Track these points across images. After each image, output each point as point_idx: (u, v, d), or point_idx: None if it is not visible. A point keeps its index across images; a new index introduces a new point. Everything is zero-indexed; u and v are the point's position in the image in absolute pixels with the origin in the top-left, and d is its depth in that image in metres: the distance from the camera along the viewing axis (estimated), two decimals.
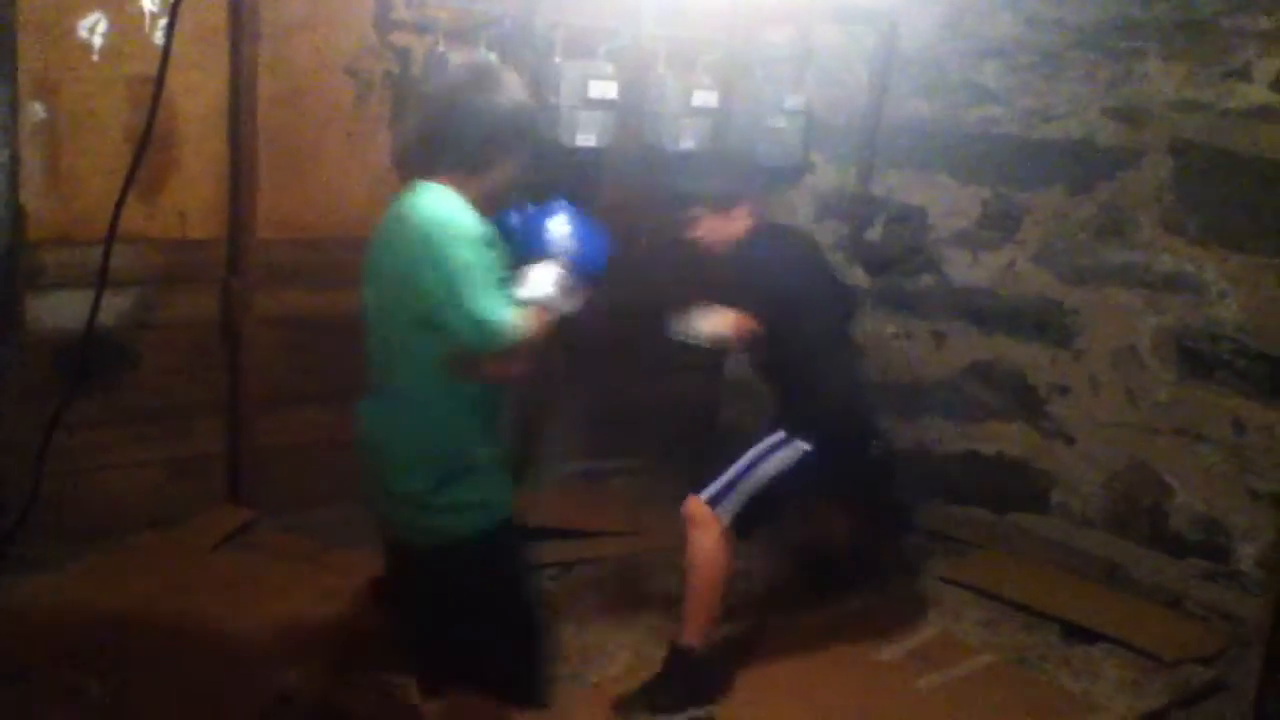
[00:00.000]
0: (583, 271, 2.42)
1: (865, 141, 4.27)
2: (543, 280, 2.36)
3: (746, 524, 2.97)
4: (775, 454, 2.97)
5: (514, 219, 2.55)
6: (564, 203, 2.51)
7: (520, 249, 2.47)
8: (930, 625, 3.46)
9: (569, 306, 2.37)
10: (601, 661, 3.12)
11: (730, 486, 2.94)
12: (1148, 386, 3.68)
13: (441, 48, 3.52)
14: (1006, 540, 4.02)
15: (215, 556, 3.35)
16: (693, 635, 2.92)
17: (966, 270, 4.10)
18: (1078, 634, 3.46)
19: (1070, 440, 3.89)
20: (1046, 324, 3.91)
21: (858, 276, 4.34)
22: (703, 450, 4.03)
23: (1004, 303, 4.01)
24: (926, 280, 4.20)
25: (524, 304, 2.31)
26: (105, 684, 2.66)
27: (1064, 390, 3.89)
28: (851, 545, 3.65)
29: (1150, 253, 3.64)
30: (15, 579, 3.06)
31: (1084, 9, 3.73)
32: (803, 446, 2.97)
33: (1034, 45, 3.87)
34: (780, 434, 3.00)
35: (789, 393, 3.18)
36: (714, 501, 2.93)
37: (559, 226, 2.43)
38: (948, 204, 4.12)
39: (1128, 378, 3.72)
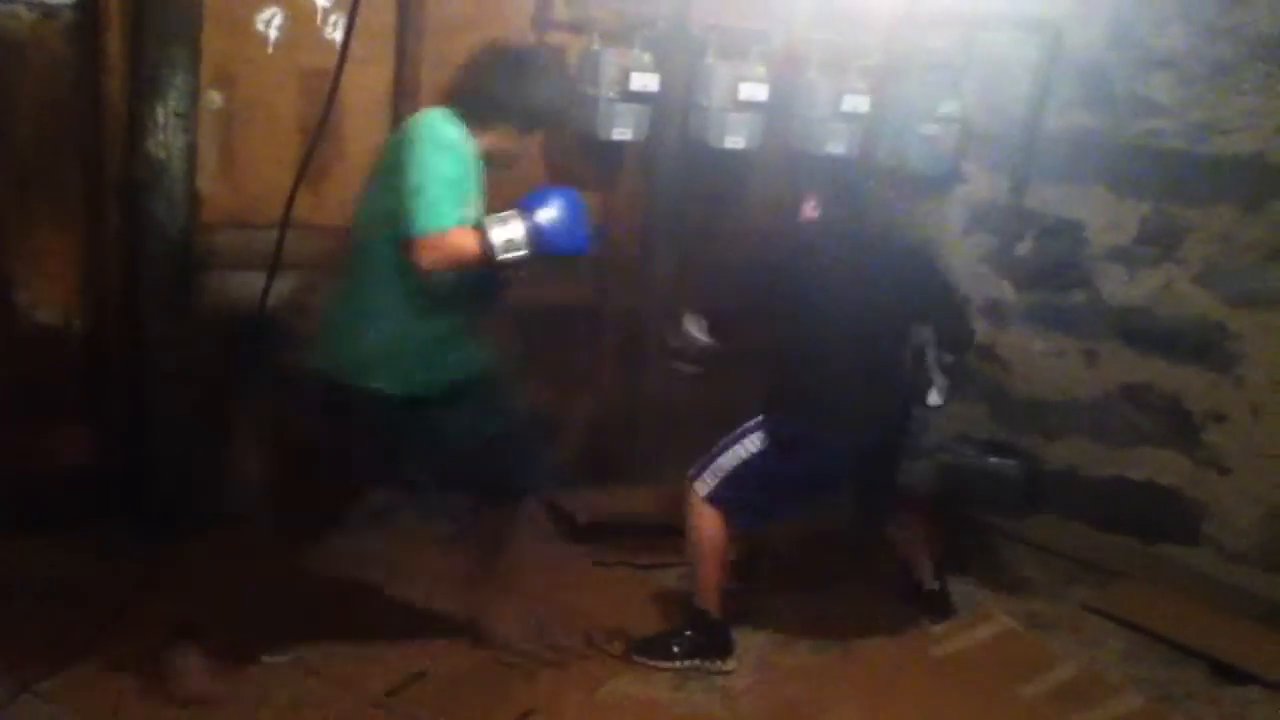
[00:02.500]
0: (544, 241, 2.46)
1: (1022, 152, 4.16)
2: (501, 222, 2.45)
3: (732, 506, 3.04)
4: (746, 437, 3.06)
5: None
6: (572, 190, 2.58)
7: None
8: (1072, 658, 3.31)
9: (506, 255, 2.43)
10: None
11: (706, 465, 3.08)
12: None
13: (597, 47, 3.57)
14: (1152, 570, 3.86)
15: (363, 537, 3.46)
16: (702, 599, 3.09)
17: (1122, 288, 3.95)
18: (1226, 673, 3.30)
19: (1226, 470, 3.72)
20: (1206, 347, 3.74)
21: (1005, 290, 4.23)
22: None
23: (1161, 323, 3.85)
24: (1079, 297, 4.07)
25: (470, 223, 2.44)
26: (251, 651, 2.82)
27: (1221, 418, 3.72)
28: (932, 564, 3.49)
29: None
30: (187, 544, 3.21)
31: (1262, 19, 3.56)
32: (764, 434, 3.03)
33: (1207, 56, 3.71)
34: (757, 418, 3.08)
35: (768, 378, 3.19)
36: (694, 476, 3.08)
37: (552, 201, 2.50)
38: (1105, 219, 3.99)
39: None
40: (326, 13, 3.30)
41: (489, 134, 2.61)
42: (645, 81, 3.55)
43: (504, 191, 2.62)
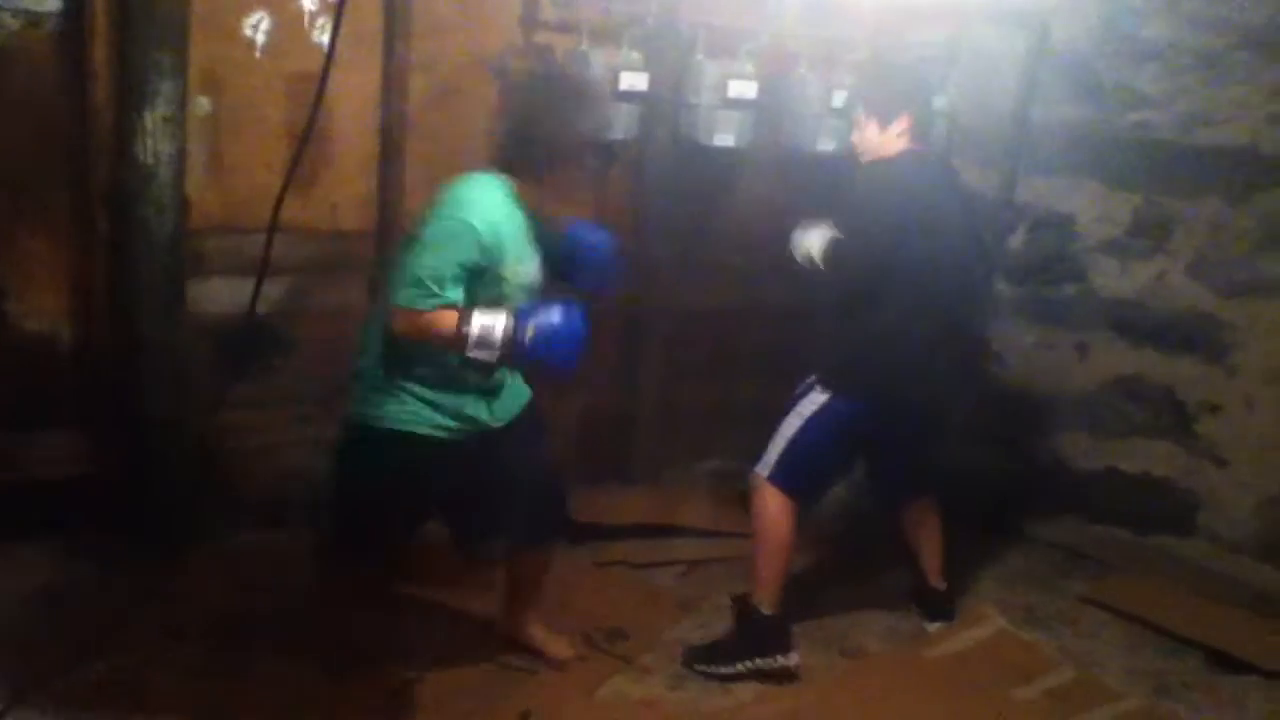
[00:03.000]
0: (523, 351, 2.42)
1: (1011, 145, 4.16)
2: (489, 317, 2.41)
3: (792, 478, 3.02)
4: (800, 400, 3.05)
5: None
6: (576, 309, 2.48)
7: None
8: (1068, 657, 3.30)
9: (475, 353, 2.41)
10: None
11: (767, 447, 3.07)
12: None
13: (584, 46, 3.57)
14: (1147, 562, 3.87)
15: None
16: (757, 594, 3.05)
17: (1114, 280, 3.96)
18: (1223, 663, 3.31)
19: (1221, 461, 3.72)
20: (1198, 338, 3.75)
21: (998, 284, 4.23)
22: None
23: (1153, 315, 3.86)
24: (1071, 290, 4.07)
25: (454, 307, 2.41)
26: (250, 656, 2.81)
27: (1215, 409, 3.73)
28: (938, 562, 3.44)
29: None
30: (181, 552, 3.23)
31: (1249, 8, 3.57)
32: (821, 397, 3.01)
33: (1194, 47, 3.71)
34: (809, 380, 3.07)
35: (828, 338, 3.15)
36: (761, 464, 3.07)
37: (549, 315, 2.44)
38: (1096, 211, 3.99)
39: None
40: (314, 16, 3.29)
41: (551, 178, 2.56)
42: (634, 80, 3.54)
43: None
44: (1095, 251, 4.00)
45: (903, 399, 3.05)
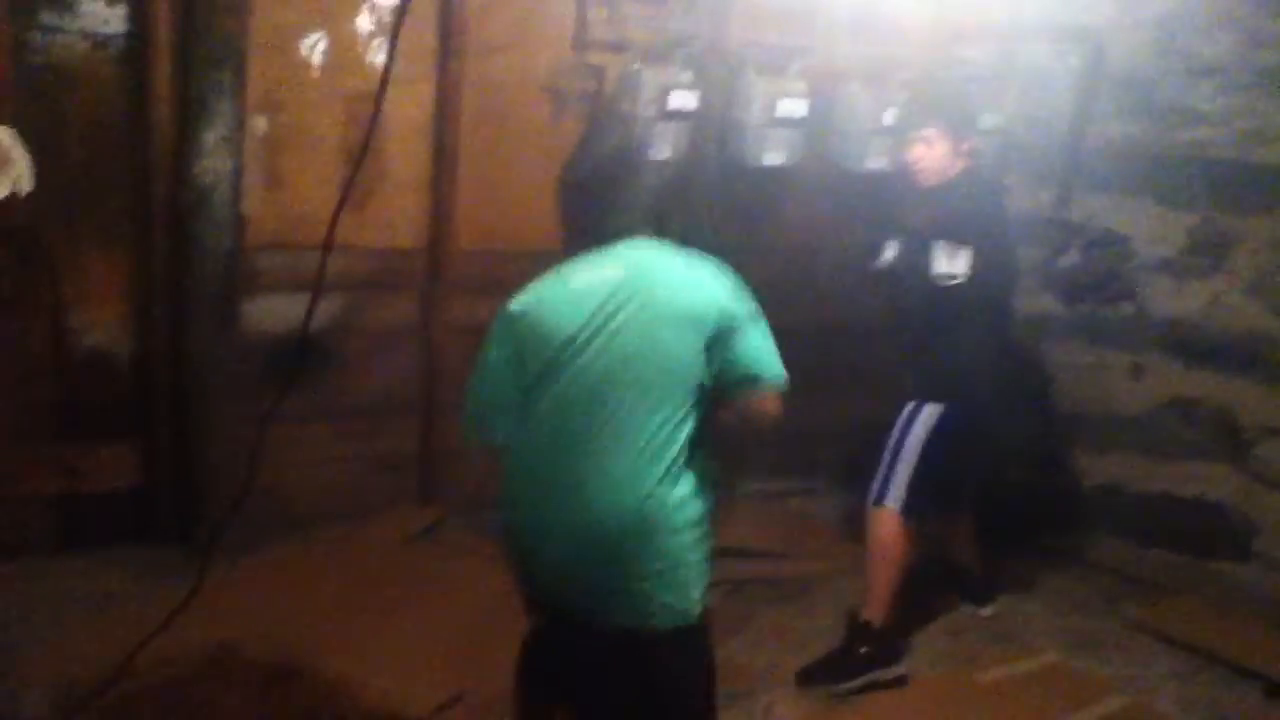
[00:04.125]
0: None
1: (1065, 163, 4.11)
2: None
3: (917, 502, 3.09)
4: (912, 424, 3.10)
5: None
6: None
7: None
8: (1120, 685, 3.23)
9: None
10: (768, 680, 3.10)
11: (888, 478, 3.11)
12: None
13: (637, 66, 3.58)
14: (1200, 587, 3.80)
15: (405, 552, 3.49)
16: (871, 611, 3.10)
17: (1170, 300, 3.89)
18: None
19: (1278, 486, 3.64)
20: (1258, 360, 3.68)
21: (1050, 304, 4.18)
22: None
23: (1211, 335, 3.79)
24: (1125, 309, 4.02)
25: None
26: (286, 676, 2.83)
27: (1275, 432, 3.65)
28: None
29: None
30: (228, 564, 3.26)
31: None
32: (935, 409, 3.09)
33: (1254, 64, 3.65)
34: (910, 405, 3.13)
35: (929, 355, 3.20)
36: (880, 499, 3.11)
37: None
38: (1151, 230, 3.93)
39: None
40: (370, 36, 3.34)
41: None
42: (684, 99, 3.56)
43: None
44: (1151, 271, 3.94)
45: (989, 405, 3.22)
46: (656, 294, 2.01)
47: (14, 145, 2.38)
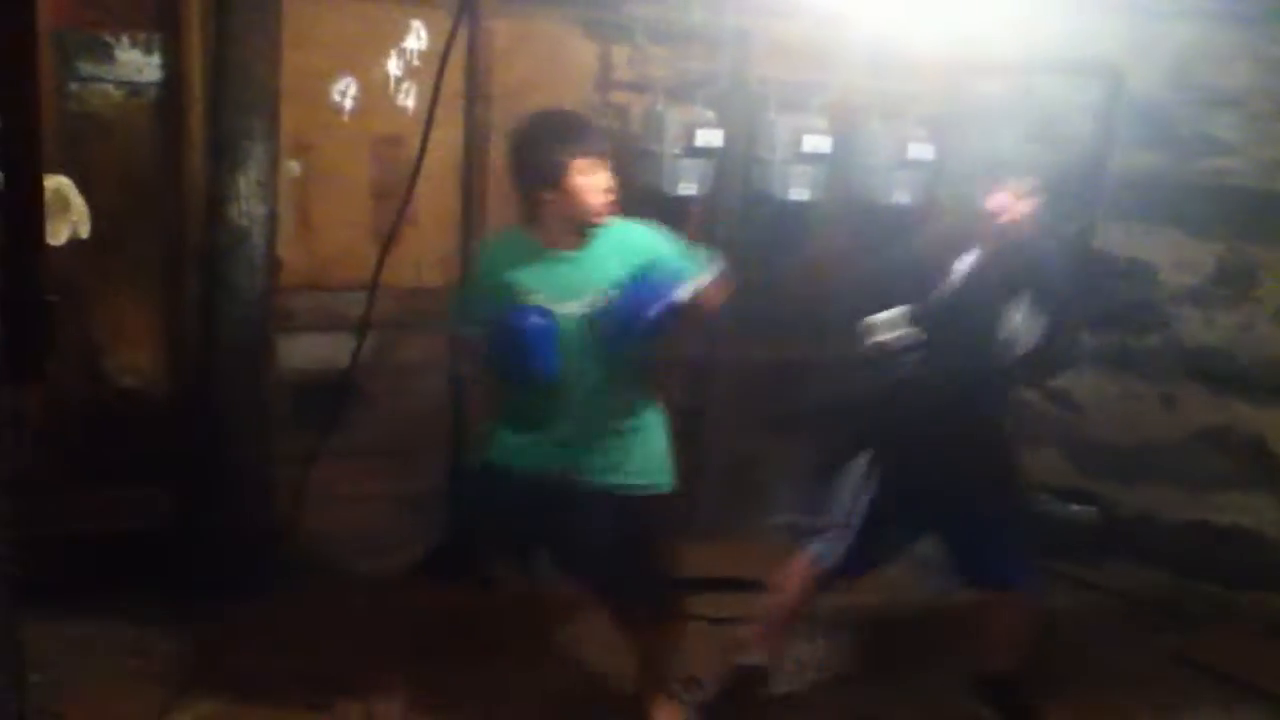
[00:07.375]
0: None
1: (1088, 194, 4.12)
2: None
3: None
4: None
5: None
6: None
7: None
8: (1160, 715, 3.19)
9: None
10: None
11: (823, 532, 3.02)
12: None
13: (660, 106, 3.63)
14: (1239, 617, 3.76)
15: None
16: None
17: (1199, 329, 3.89)
18: None
19: None
20: None
21: (1079, 334, 4.17)
22: None
23: (1241, 364, 3.79)
24: (1154, 339, 4.01)
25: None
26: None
27: None
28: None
29: None
30: (270, 598, 3.29)
31: None
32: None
33: (1274, 94, 3.67)
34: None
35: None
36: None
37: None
38: (1177, 259, 3.94)
39: None
40: (399, 81, 3.39)
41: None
42: (709, 137, 3.59)
43: None
44: (1178, 300, 3.94)
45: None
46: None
47: (72, 192, 2.44)
